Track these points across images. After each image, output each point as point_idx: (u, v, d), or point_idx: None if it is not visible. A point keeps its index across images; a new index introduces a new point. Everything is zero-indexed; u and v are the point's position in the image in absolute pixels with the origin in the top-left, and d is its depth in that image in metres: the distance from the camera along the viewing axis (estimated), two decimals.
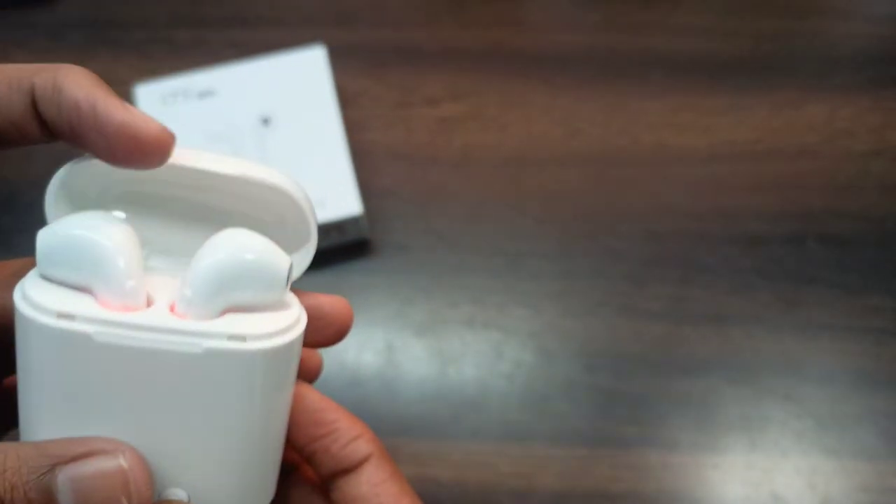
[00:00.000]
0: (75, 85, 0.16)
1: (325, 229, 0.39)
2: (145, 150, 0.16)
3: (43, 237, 0.16)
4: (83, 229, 0.16)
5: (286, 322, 0.17)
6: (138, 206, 0.19)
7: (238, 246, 0.17)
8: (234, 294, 0.17)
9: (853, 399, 0.36)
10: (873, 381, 0.36)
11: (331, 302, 0.20)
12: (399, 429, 0.36)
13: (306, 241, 0.19)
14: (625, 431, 0.35)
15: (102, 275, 0.16)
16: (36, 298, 0.15)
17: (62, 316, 0.15)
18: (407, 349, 0.38)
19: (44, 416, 0.16)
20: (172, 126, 0.17)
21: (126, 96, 0.42)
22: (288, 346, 0.17)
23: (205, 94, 0.42)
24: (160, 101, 0.41)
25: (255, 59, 0.43)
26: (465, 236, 0.41)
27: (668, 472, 0.34)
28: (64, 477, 0.16)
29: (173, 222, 0.19)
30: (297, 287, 0.19)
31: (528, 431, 0.35)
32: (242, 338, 0.16)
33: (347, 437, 0.20)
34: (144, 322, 0.16)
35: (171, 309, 0.17)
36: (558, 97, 0.46)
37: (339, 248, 0.40)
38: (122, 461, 0.16)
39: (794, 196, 0.42)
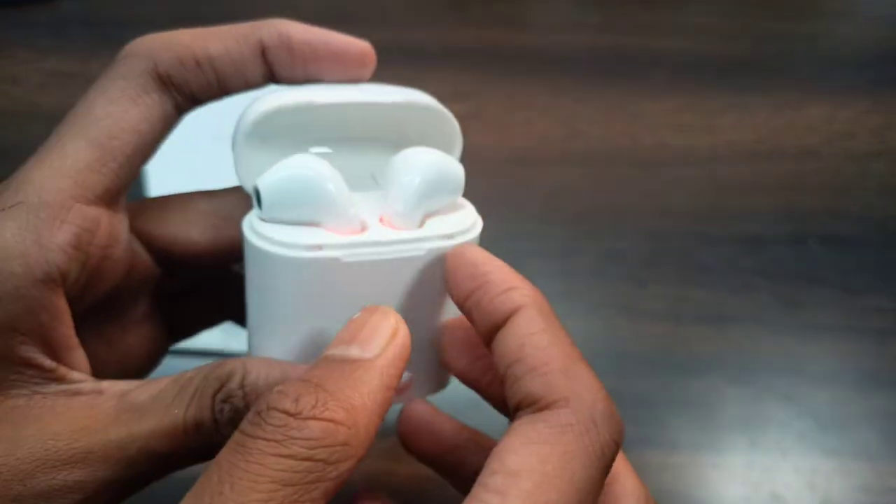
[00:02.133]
0: (301, 30, 0.20)
1: None
2: (367, 61, 0.21)
3: (268, 184, 0.18)
4: (307, 171, 0.18)
5: (473, 218, 0.20)
6: (312, 141, 0.21)
7: (430, 163, 0.20)
8: (431, 202, 0.20)
9: (853, 399, 0.36)
10: (874, 382, 0.36)
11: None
12: None
13: (453, 144, 0.22)
14: (625, 431, 0.35)
15: (331, 208, 0.19)
16: (280, 238, 0.18)
17: (312, 248, 0.18)
18: None
19: (286, 335, 0.19)
20: (176, 126, 0.19)
21: None
22: (478, 237, 0.20)
23: None
24: None
25: None
26: None
27: (668, 472, 0.34)
28: None
29: (341, 149, 0.21)
30: None
31: None
32: (451, 236, 0.19)
33: (498, 288, 0.18)
34: (378, 239, 0.19)
35: (382, 223, 0.20)
36: (560, 97, 0.46)
37: None
38: None
39: (795, 197, 0.42)
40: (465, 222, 0.20)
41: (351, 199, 0.19)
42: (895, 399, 0.36)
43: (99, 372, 0.19)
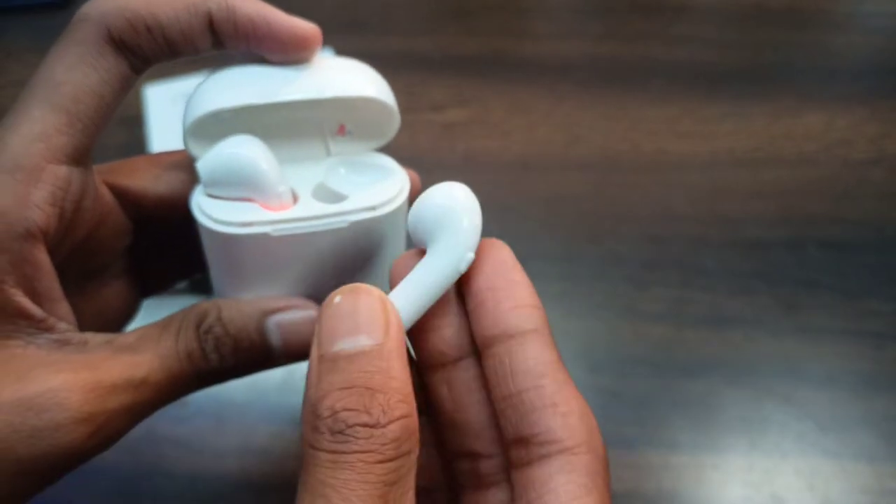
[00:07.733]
0: (244, 4, 0.20)
1: None
2: (309, 45, 0.21)
3: (205, 165, 0.21)
4: (239, 154, 0.20)
5: (398, 187, 0.22)
6: (251, 129, 0.22)
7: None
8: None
9: (852, 401, 0.36)
10: (872, 384, 0.36)
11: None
12: None
13: (391, 126, 0.23)
14: (626, 432, 0.35)
15: (261, 187, 0.20)
16: (218, 215, 0.20)
17: (243, 224, 0.20)
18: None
19: (241, 287, 0.22)
20: (181, 127, 0.21)
21: (136, 97, 0.43)
22: (403, 205, 0.22)
23: None
24: (170, 101, 0.42)
25: None
26: None
27: (669, 472, 0.34)
28: (273, 322, 0.21)
29: (281, 134, 0.23)
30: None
31: None
32: (374, 208, 0.21)
33: (518, 300, 0.19)
34: (303, 215, 0.21)
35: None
36: (561, 104, 0.47)
37: None
38: (313, 312, 0.21)
39: (794, 202, 0.43)
40: (389, 192, 0.21)
41: (281, 177, 0.21)
42: (894, 401, 0.36)
43: (79, 325, 0.21)
